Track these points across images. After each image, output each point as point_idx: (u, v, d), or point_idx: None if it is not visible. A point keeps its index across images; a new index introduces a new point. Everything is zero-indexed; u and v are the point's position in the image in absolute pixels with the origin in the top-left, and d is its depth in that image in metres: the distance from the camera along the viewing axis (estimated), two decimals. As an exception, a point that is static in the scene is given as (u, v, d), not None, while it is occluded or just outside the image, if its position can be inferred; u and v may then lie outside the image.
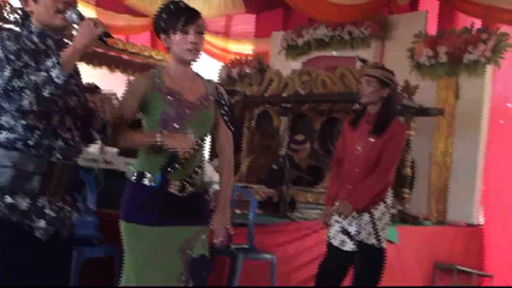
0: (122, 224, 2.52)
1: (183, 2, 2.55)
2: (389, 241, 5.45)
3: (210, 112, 2.60)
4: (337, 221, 3.77)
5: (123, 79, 9.03)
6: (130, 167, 4.25)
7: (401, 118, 6.64)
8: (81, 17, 2.11)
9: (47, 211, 2.05)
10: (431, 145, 6.98)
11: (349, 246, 3.71)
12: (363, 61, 6.60)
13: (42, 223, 2.04)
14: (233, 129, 2.70)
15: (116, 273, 3.70)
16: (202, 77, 2.66)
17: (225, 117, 2.65)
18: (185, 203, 2.51)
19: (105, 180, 4.24)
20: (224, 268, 4.34)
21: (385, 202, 3.73)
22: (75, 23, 2.13)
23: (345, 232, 3.73)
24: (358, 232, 3.68)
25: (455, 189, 6.84)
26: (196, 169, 2.54)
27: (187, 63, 2.54)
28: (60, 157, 2.08)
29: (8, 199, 1.98)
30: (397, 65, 6.97)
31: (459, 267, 6.06)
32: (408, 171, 6.54)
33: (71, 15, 2.12)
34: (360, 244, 3.68)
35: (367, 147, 3.69)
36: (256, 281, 4.59)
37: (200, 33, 2.49)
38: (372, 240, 3.68)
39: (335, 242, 3.77)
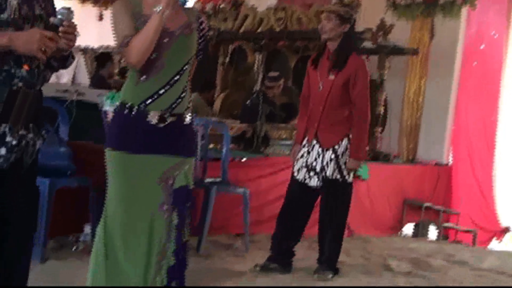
0: (107, 152, 2.52)
1: None
2: (360, 177, 5.57)
3: (192, 39, 2.56)
4: (302, 156, 3.85)
5: (94, 12, 8.80)
6: (101, 98, 4.23)
7: (375, 57, 6.67)
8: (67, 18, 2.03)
9: (8, 139, 1.98)
10: (404, 85, 7.00)
11: (314, 181, 3.80)
12: (339, -2, 6.50)
13: (2, 151, 1.98)
14: (204, 59, 2.70)
15: (90, 203, 3.71)
16: (182, 6, 2.61)
17: (200, 45, 2.62)
18: (166, 133, 2.49)
19: (77, 112, 4.18)
20: (198, 201, 4.38)
21: (348, 137, 3.79)
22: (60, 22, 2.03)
23: (310, 167, 3.82)
24: (323, 169, 3.77)
25: (426, 128, 6.91)
26: (178, 100, 2.51)
27: None
28: (22, 84, 1.99)
29: None
30: (372, 4, 6.95)
31: (427, 204, 6.20)
32: (381, 109, 6.58)
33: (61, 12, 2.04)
34: (325, 179, 3.77)
35: (328, 85, 3.72)
36: (230, 214, 4.66)
37: None
38: (337, 176, 3.77)
39: (300, 177, 3.84)
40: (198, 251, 4.11)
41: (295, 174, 3.89)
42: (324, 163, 3.77)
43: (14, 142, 2.01)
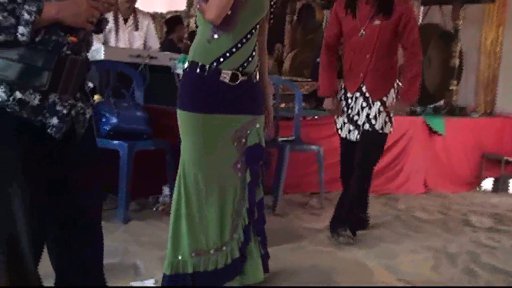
0: (179, 113, 2.52)
1: None
2: (436, 133, 5.42)
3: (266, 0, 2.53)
4: (342, 111, 3.61)
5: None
6: (173, 61, 4.26)
7: (448, 7, 6.40)
8: None
9: (58, 107, 1.93)
10: (481, 35, 6.70)
11: (354, 135, 3.56)
12: None
13: (54, 120, 1.95)
14: (271, 20, 2.64)
15: (167, 164, 3.78)
16: None
17: (271, 9, 2.60)
18: (237, 92, 2.48)
19: (150, 76, 4.23)
20: (272, 160, 4.39)
21: (394, 87, 3.54)
22: None
23: (351, 122, 3.57)
24: (368, 121, 3.49)
25: (504, 79, 6.62)
26: (249, 58, 2.49)
27: None
28: (69, 52, 1.97)
29: (18, 95, 1.87)
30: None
31: (507, 157, 5.97)
32: (456, 62, 6.33)
33: None
34: (368, 132, 3.49)
35: (373, 31, 3.40)
36: (304, 173, 4.65)
37: None
38: (388, 128, 3.54)
39: (344, 134, 3.63)
40: (274, 211, 4.14)
41: (340, 132, 3.66)
42: (371, 115, 3.47)
43: (65, 111, 1.99)
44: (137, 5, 4.85)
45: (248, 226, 2.57)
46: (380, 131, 3.49)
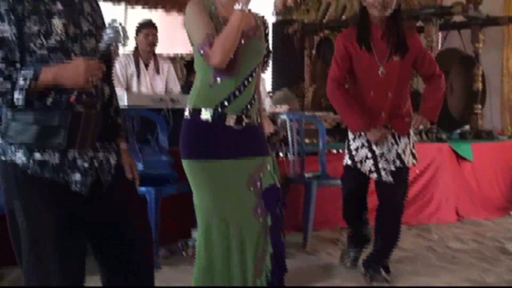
0: (184, 163, 2.47)
1: None
2: (464, 158, 5.33)
3: (262, 42, 2.53)
4: (363, 147, 3.39)
5: (180, 20, 8.95)
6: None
7: (467, 31, 6.36)
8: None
9: (79, 163, 1.94)
10: (502, 57, 6.64)
11: (387, 175, 3.32)
12: (424, -26, 6.25)
13: (77, 176, 1.95)
14: (268, 66, 2.68)
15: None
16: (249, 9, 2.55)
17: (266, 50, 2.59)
18: (243, 135, 2.45)
19: (173, 119, 4.25)
20: (299, 197, 4.34)
21: (410, 117, 3.40)
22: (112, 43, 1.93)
23: (381, 159, 3.34)
24: (398, 157, 3.33)
25: (530, 100, 6.53)
26: (252, 101, 2.47)
27: None
28: (82, 108, 1.96)
29: (37, 156, 1.89)
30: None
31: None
32: (479, 85, 6.26)
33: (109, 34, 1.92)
34: (398, 168, 3.33)
35: (394, 68, 3.25)
36: (333, 207, 4.58)
37: None
38: (412, 161, 3.41)
39: (365, 169, 3.38)
40: (305, 248, 4.08)
41: (358, 166, 3.40)
42: (400, 151, 3.34)
43: (86, 165, 1.98)
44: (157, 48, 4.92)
45: (272, 271, 2.48)
46: (408, 166, 3.41)
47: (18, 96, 1.81)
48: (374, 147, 3.36)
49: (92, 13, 2.05)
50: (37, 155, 1.89)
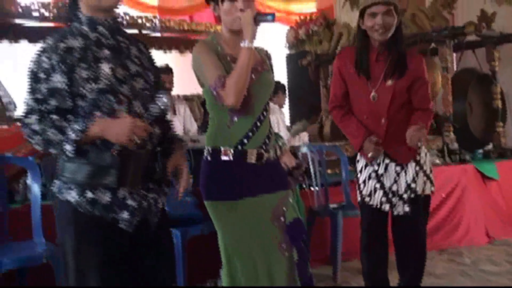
0: (207, 204, 2.46)
1: None
2: (490, 178, 5.26)
3: (271, 75, 2.55)
4: (370, 178, 3.12)
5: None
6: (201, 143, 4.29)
7: (482, 50, 6.33)
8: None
9: (129, 202, 2.02)
10: (519, 73, 6.59)
11: (400, 208, 3.04)
12: (433, -3, 6.28)
13: (125, 214, 2.01)
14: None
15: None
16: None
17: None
18: (264, 171, 2.44)
19: (194, 159, 4.26)
20: (326, 228, 4.31)
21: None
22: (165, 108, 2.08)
23: (391, 192, 3.06)
24: (409, 187, 3.04)
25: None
26: (269, 135, 2.48)
27: (239, 32, 2.39)
28: (133, 148, 2.01)
29: (89, 194, 1.99)
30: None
31: None
32: (498, 103, 6.22)
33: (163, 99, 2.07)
34: (414, 198, 3.04)
35: (387, 93, 3.00)
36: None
37: None
38: (430, 188, 3.11)
39: (374, 202, 3.10)
40: (335, 281, 4.02)
41: (366, 200, 3.13)
42: (410, 180, 3.04)
43: (135, 205, 2.04)
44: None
45: None
46: (422, 195, 3.08)
47: (68, 148, 1.93)
48: (382, 179, 3.08)
49: (140, 56, 2.17)
50: (89, 194, 1.99)
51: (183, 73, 7.55)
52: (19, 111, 6.20)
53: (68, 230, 2.01)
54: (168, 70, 4.83)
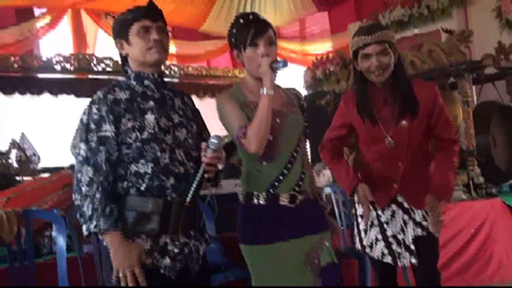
0: (242, 248, 2.48)
1: (253, 14, 2.49)
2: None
3: (299, 116, 2.56)
4: (372, 226, 2.91)
5: (213, 104, 9.15)
6: (239, 187, 4.29)
7: (501, 82, 6.30)
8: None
9: (170, 248, 2.08)
10: (542, 103, 6.51)
11: (406, 258, 2.82)
12: (449, 31, 6.30)
13: (166, 261, 2.06)
14: (306, 136, 2.66)
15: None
16: (278, 86, 2.59)
17: (304, 124, 2.62)
18: (299, 213, 2.44)
19: (218, 205, 4.26)
20: (353, 270, 4.24)
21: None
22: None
23: (395, 241, 2.84)
24: (421, 226, 2.83)
25: None
26: (302, 175, 2.48)
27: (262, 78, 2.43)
28: (175, 195, 2.10)
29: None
30: (485, 28, 6.68)
31: None
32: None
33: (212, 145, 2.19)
34: (419, 239, 2.83)
35: (403, 135, 2.80)
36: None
37: (271, 43, 2.43)
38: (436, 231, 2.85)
39: (376, 254, 2.90)
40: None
41: (367, 250, 2.95)
42: (418, 219, 2.84)
43: (176, 251, 2.08)
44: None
45: None
46: (434, 235, 2.84)
47: (84, 228, 2.07)
48: (386, 227, 2.86)
49: (183, 107, 2.30)
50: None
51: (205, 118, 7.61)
52: (43, 163, 6.29)
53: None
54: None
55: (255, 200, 2.43)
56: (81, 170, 2.02)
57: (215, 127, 2.55)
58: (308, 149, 2.71)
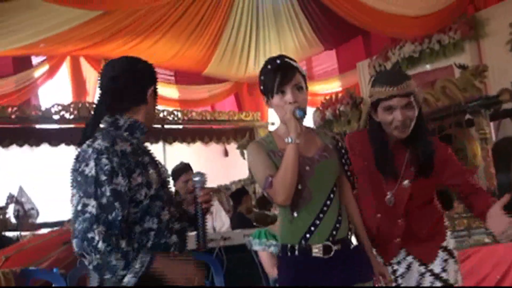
0: None
1: (280, 57, 2.47)
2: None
3: (333, 161, 2.48)
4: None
5: (219, 149, 9.17)
6: (249, 238, 4.25)
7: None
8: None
9: None
10: None
11: None
12: (462, 66, 6.32)
13: None
14: (352, 179, 2.58)
15: None
16: (315, 130, 2.60)
17: (345, 167, 2.54)
18: (336, 263, 2.39)
19: (227, 257, 4.22)
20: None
21: (443, 247, 2.74)
22: None
23: None
24: (440, 278, 2.67)
25: None
26: (337, 224, 2.41)
27: None
28: (178, 252, 2.10)
29: None
30: (499, 62, 6.70)
31: None
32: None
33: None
34: None
35: (403, 196, 2.67)
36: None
37: (299, 88, 2.43)
38: (461, 280, 2.74)
39: None
40: None
41: None
42: (437, 271, 2.68)
43: None
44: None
45: None
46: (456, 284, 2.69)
47: (129, 279, 1.93)
48: (402, 280, 2.70)
49: (160, 163, 2.27)
50: None
51: (207, 164, 7.62)
52: (42, 217, 6.27)
53: None
54: (189, 168, 4.82)
55: (289, 253, 2.41)
56: (91, 229, 1.88)
57: (221, 172, 2.56)
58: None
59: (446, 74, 7.19)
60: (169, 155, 8.80)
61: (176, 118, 8.92)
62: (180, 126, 9.06)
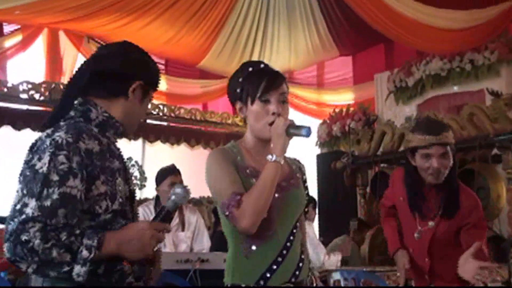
0: None
1: (263, 63, 2.46)
2: None
3: (301, 192, 2.47)
4: None
5: (205, 155, 9.13)
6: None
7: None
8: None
9: None
10: None
11: None
12: (496, 94, 6.34)
13: None
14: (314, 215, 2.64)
15: None
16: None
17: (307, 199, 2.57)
18: None
19: (202, 282, 4.19)
20: None
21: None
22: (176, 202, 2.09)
23: None
24: None
25: None
26: (300, 263, 2.38)
27: (267, 141, 2.35)
28: (133, 280, 2.02)
29: None
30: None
31: None
32: None
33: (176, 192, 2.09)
34: None
35: (427, 235, 3.24)
36: None
37: (283, 102, 2.38)
38: None
39: None
40: None
41: None
42: None
43: None
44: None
45: None
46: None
47: (79, 271, 1.83)
48: None
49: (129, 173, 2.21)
50: None
51: (192, 172, 7.59)
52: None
53: None
54: (175, 171, 4.78)
55: None
56: (24, 230, 1.79)
57: (204, 182, 2.47)
58: (316, 225, 2.65)
59: (476, 99, 7.20)
60: (148, 155, 8.76)
61: (161, 113, 8.85)
62: (165, 123, 8.99)
